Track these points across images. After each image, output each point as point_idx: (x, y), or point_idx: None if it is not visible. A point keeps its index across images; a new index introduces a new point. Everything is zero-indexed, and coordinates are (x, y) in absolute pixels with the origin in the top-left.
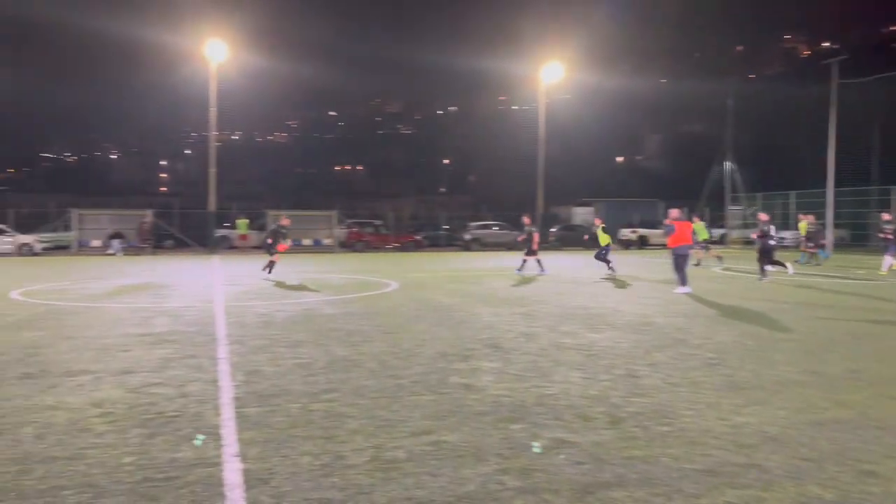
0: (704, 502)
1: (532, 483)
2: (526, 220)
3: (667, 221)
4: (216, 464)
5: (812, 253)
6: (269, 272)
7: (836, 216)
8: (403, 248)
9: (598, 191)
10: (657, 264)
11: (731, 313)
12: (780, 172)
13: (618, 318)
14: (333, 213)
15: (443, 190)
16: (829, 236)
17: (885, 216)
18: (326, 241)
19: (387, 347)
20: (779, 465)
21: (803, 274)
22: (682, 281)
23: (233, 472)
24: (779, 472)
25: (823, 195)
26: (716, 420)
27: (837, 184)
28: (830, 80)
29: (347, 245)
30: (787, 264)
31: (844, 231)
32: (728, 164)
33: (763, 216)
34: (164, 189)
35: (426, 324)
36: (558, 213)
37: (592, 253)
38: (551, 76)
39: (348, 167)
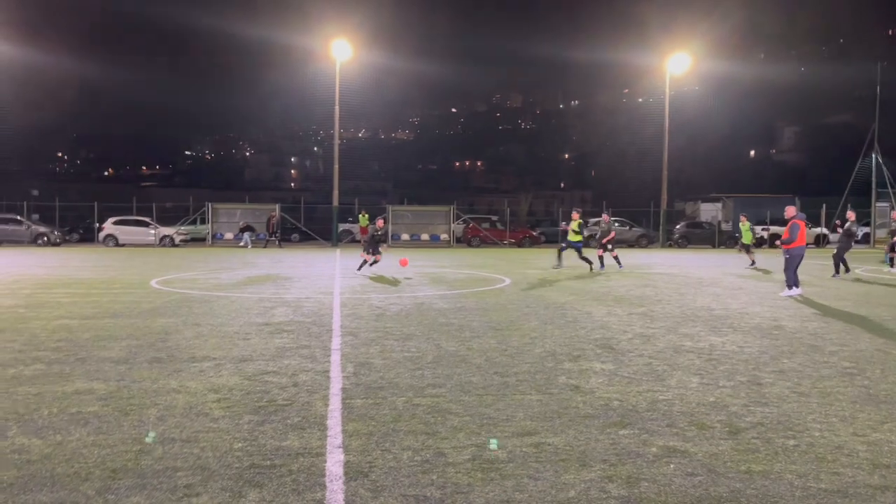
0: None
1: (637, 493)
2: (604, 217)
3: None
4: (320, 454)
5: None
6: (362, 268)
7: None
8: (519, 244)
9: (727, 186)
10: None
11: (872, 319)
12: None
13: (744, 321)
14: (451, 209)
15: (562, 185)
16: None
17: None
18: (443, 237)
19: (495, 344)
20: None
21: None
22: (792, 283)
23: (335, 464)
24: None
25: None
26: (849, 435)
27: None
28: None
29: (464, 240)
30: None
31: None
32: (875, 157)
33: (850, 214)
34: (293, 185)
35: (537, 321)
36: (684, 209)
37: (719, 251)
38: (678, 67)
39: (468, 163)
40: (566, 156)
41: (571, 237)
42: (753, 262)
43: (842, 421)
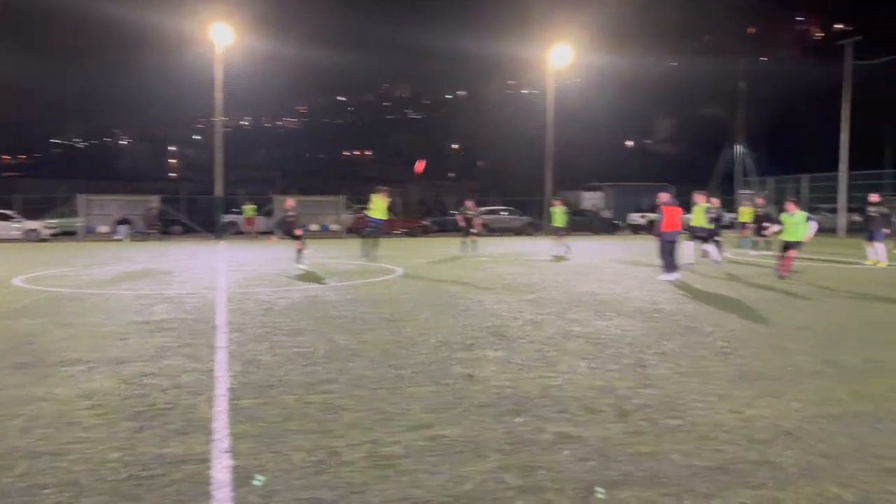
0: (717, 503)
1: (534, 481)
2: (468, 204)
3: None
4: (205, 460)
5: (765, 238)
6: (299, 261)
7: (850, 200)
8: (411, 234)
9: (608, 175)
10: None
11: (742, 301)
12: (792, 156)
13: (626, 305)
14: (341, 199)
15: (451, 175)
16: (842, 220)
17: (874, 197)
18: (334, 227)
19: (389, 336)
20: (794, 463)
21: (810, 259)
22: (669, 268)
23: (222, 470)
24: (794, 471)
25: (836, 179)
26: (728, 413)
27: (850, 167)
28: (844, 62)
29: (355, 230)
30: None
31: (858, 215)
32: (739, 148)
33: (714, 201)
34: (174, 175)
35: (430, 311)
36: (567, 198)
37: (601, 238)
38: (560, 59)
39: (357, 152)
40: (455, 146)
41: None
42: (567, 248)
43: (720, 399)
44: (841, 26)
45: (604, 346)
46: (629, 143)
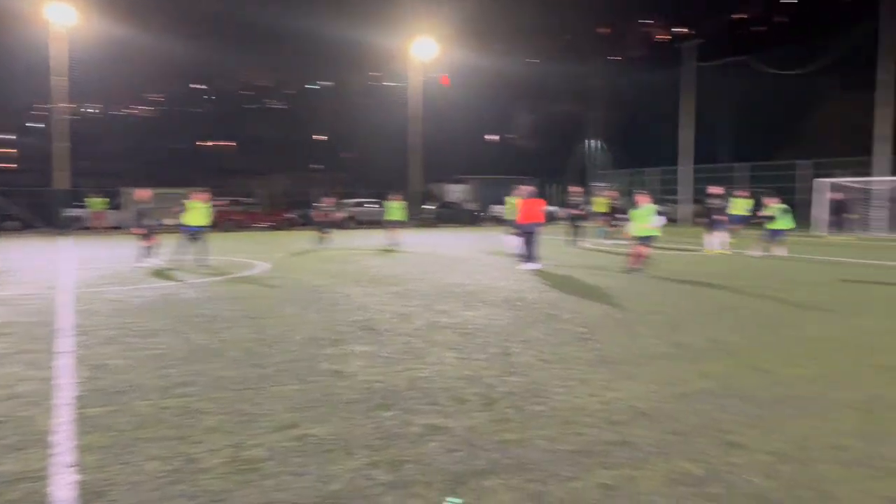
0: (579, 485)
1: (403, 476)
2: (327, 200)
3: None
4: (44, 477)
5: (614, 228)
6: (150, 256)
7: (697, 192)
8: (276, 227)
9: (472, 168)
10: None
11: (600, 288)
12: (642, 150)
13: (492, 295)
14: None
15: (317, 167)
16: (685, 211)
17: (715, 190)
18: None
19: (252, 334)
20: (649, 442)
21: (659, 248)
22: (529, 258)
23: (65, 486)
24: (649, 449)
25: (683, 172)
26: (588, 397)
27: (694, 161)
28: (686, 64)
29: (215, 225)
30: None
31: (700, 206)
32: (592, 143)
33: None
34: (13, 166)
35: (296, 307)
36: (432, 191)
37: (467, 230)
38: (424, 52)
39: (218, 143)
40: (321, 137)
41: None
42: (398, 242)
43: (581, 383)
44: (684, 30)
45: (471, 336)
46: (493, 138)
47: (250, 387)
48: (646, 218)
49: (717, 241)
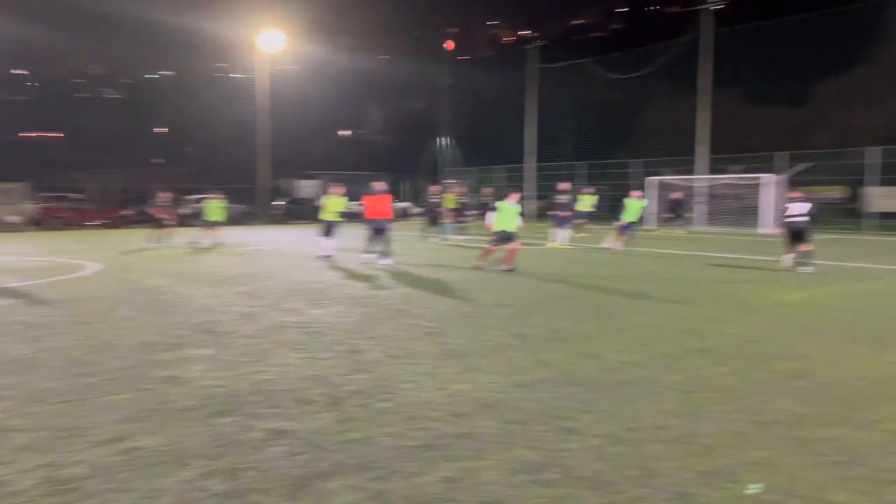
0: (422, 480)
1: (239, 485)
2: (164, 195)
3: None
4: None
5: (462, 224)
6: None
7: (542, 189)
8: (109, 225)
9: (324, 164)
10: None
11: (448, 283)
12: (490, 148)
13: (342, 292)
14: (21, 186)
15: (158, 161)
16: (530, 207)
17: (563, 186)
18: (12, 219)
19: (79, 340)
20: (491, 432)
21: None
22: (376, 253)
23: None
24: (490, 439)
25: (526, 170)
26: (434, 391)
27: (537, 159)
28: (529, 65)
29: (41, 222)
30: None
31: (545, 202)
32: (443, 140)
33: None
34: None
35: (130, 310)
36: (284, 187)
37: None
38: (272, 44)
39: (43, 134)
40: (161, 129)
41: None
42: (216, 241)
43: (427, 378)
44: (528, 32)
45: (318, 334)
46: (345, 133)
47: (73, 399)
48: (512, 215)
49: (560, 236)
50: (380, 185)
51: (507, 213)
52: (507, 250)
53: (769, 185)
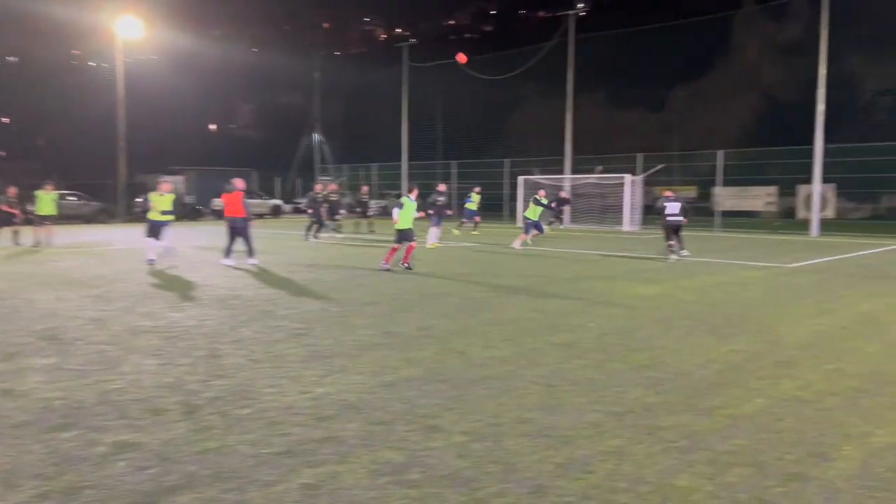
0: (280, 488)
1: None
2: (12, 190)
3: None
4: None
5: (337, 221)
6: None
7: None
8: None
9: (191, 159)
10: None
11: (319, 282)
12: (365, 146)
13: (205, 294)
14: None
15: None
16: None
17: (441, 187)
18: None
19: None
20: (354, 434)
21: (381, 242)
22: (227, 252)
23: None
24: (354, 442)
25: (401, 167)
26: (298, 394)
27: (411, 158)
28: (403, 64)
29: None
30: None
31: (422, 201)
32: (317, 137)
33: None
34: None
35: None
36: (145, 182)
37: (183, 224)
38: (130, 32)
39: None
40: (3, 119)
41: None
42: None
43: (291, 381)
44: (402, 31)
45: (177, 339)
46: (213, 127)
47: None
48: (412, 211)
49: (434, 235)
50: (239, 183)
51: (410, 210)
52: (407, 248)
53: (630, 185)
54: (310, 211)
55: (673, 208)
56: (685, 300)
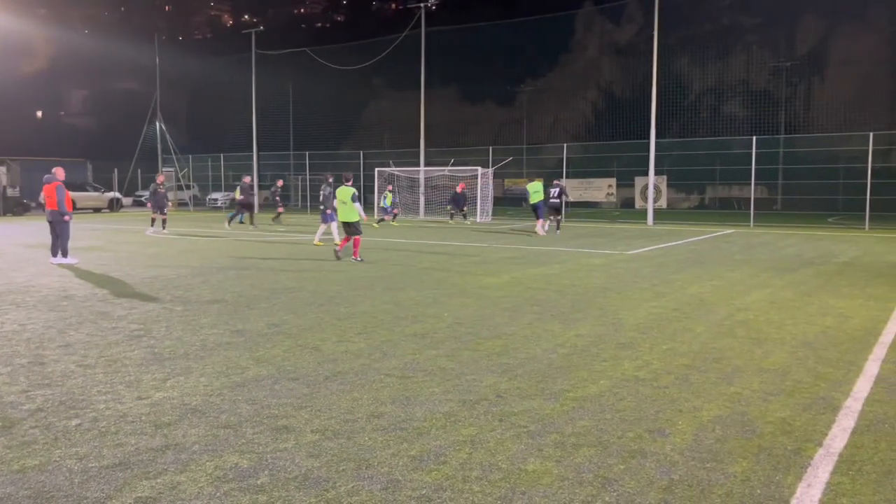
0: None
1: None
2: None
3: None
4: None
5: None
6: None
7: (262, 178)
8: None
9: (16, 148)
10: (86, 230)
11: (162, 279)
12: (211, 135)
13: (29, 295)
14: None
15: None
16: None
17: (246, 179)
18: None
19: None
20: (197, 440)
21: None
22: (53, 249)
23: None
24: (197, 448)
25: (251, 158)
26: (134, 401)
27: (261, 148)
28: (250, 51)
29: None
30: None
31: (269, 191)
32: (158, 124)
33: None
34: None
35: None
36: None
37: (7, 220)
38: None
39: None
40: None
41: None
42: None
43: (127, 386)
44: (249, 17)
45: None
46: (39, 114)
47: None
48: (350, 206)
49: (320, 232)
50: (59, 172)
51: (348, 203)
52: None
53: (481, 177)
54: (149, 204)
55: (554, 192)
56: (533, 287)
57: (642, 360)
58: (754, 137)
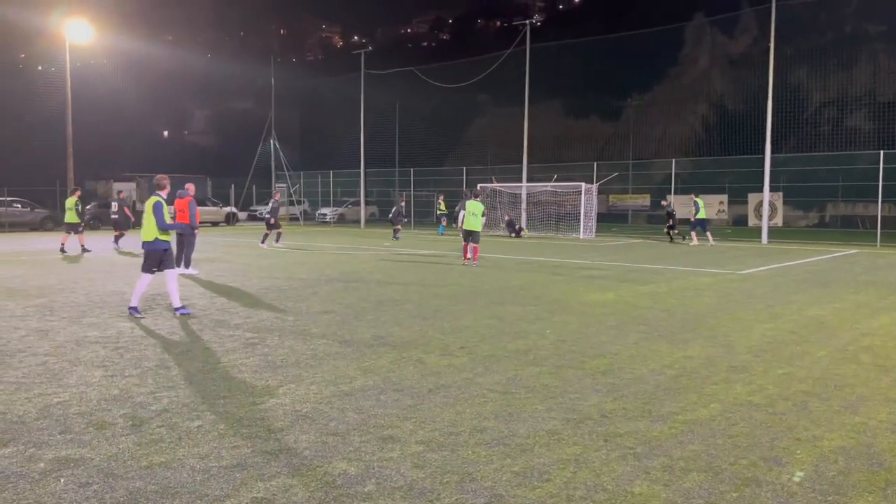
0: (230, 503)
1: None
2: None
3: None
4: None
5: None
6: None
7: (369, 194)
8: None
9: (143, 165)
10: (205, 243)
11: (276, 290)
12: (321, 153)
13: (156, 303)
14: None
15: None
16: (363, 213)
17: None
18: None
19: None
20: (308, 446)
21: (346, 248)
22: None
23: None
24: (307, 454)
25: (358, 175)
26: (249, 406)
27: (368, 165)
28: (360, 71)
29: None
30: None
31: (375, 207)
32: (272, 143)
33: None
34: None
35: None
36: (96, 189)
37: (136, 232)
38: (79, 35)
39: None
40: None
41: None
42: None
43: (243, 392)
44: (358, 38)
45: (124, 350)
46: (166, 134)
47: None
48: (478, 215)
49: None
50: (190, 188)
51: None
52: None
53: (585, 193)
54: (272, 220)
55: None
56: (639, 306)
57: (756, 384)
58: (882, 152)
